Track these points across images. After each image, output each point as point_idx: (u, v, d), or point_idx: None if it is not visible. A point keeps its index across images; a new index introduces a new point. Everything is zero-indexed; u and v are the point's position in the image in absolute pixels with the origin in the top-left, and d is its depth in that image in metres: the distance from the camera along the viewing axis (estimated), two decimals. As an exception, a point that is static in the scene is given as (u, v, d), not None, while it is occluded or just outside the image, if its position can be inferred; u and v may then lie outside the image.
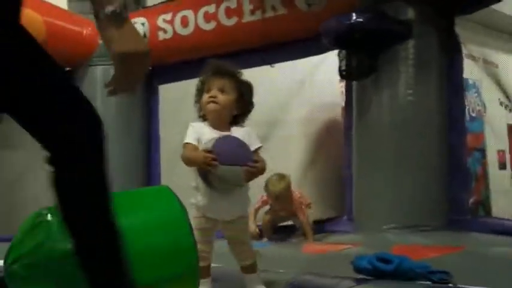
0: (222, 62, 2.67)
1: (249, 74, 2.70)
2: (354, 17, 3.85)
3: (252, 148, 2.51)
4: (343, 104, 5.23)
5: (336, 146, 5.81)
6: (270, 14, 4.67)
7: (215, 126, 2.53)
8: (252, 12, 4.72)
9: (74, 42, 5.16)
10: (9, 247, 1.96)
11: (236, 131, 2.54)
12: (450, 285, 2.46)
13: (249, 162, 2.41)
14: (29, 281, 1.91)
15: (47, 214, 1.97)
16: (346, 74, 4.09)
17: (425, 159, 4.00)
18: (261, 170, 2.50)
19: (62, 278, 1.86)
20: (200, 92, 2.62)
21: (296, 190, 4.54)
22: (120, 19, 1.39)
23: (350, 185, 4.42)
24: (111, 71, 5.18)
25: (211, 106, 2.51)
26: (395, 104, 4.03)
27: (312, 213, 4.67)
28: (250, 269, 2.59)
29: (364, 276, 2.59)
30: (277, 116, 6.10)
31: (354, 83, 4.29)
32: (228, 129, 2.55)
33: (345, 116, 4.76)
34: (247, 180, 2.46)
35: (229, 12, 4.82)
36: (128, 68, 1.40)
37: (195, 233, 2.28)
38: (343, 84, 5.28)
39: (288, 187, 4.39)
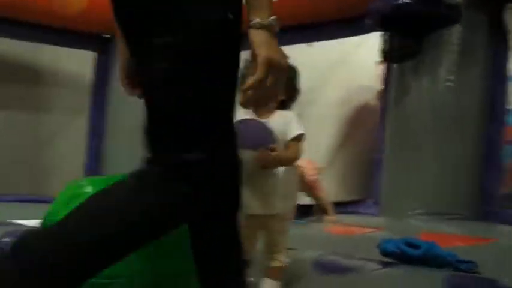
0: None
1: (286, 52, 2.64)
2: (401, -1, 3.79)
3: (289, 136, 2.35)
4: (379, 87, 5.18)
5: (368, 129, 5.77)
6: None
7: (257, 112, 2.39)
8: (295, -12, 4.68)
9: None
10: (44, 216, 1.93)
11: (276, 116, 2.39)
12: (476, 274, 2.46)
13: (261, 147, 2.23)
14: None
15: (85, 186, 1.94)
16: (388, 55, 4.05)
17: (460, 148, 3.95)
18: (282, 159, 2.32)
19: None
20: (244, 79, 2.53)
21: (305, 165, 4.39)
22: (271, 29, 1.45)
23: (379, 168, 4.40)
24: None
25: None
26: (435, 90, 3.97)
27: (338, 194, 4.67)
28: (273, 273, 2.39)
29: (391, 259, 2.59)
30: (312, 96, 6.07)
31: (394, 66, 4.24)
32: (269, 115, 2.40)
33: (382, 99, 4.72)
34: (261, 167, 2.25)
35: (272, -12, 4.78)
36: (269, 74, 1.42)
37: None
38: (380, 67, 5.23)
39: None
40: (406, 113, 4.12)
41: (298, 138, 2.37)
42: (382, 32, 4.08)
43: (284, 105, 2.46)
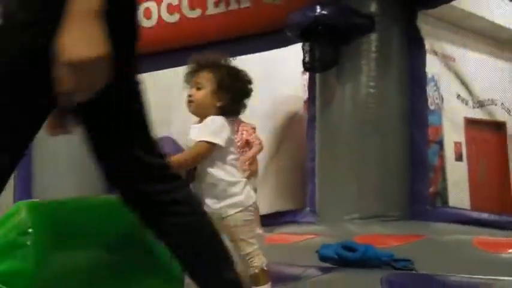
0: (202, 55, 2.51)
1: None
2: (318, 10, 3.90)
3: (197, 139, 2.31)
4: (305, 97, 5.28)
5: (297, 139, 5.87)
6: (234, 6, 4.67)
7: (198, 123, 2.41)
8: (216, 4, 4.72)
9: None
10: None
11: (202, 122, 2.37)
12: (413, 272, 2.54)
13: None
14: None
15: (21, 209, 1.88)
16: (309, 66, 4.14)
17: (387, 151, 4.08)
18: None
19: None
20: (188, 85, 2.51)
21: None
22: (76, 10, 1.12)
23: (312, 177, 4.47)
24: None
25: (189, 106, 2.42)
26: (358, 96, 4.10)
27: (274, 205, 4.72)
28: (256, 281, 2.25)
29: (330, 264, 2.64)
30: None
31: (317, 75, 4.34)
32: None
33: (308, 108, 4.81)
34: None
35: (192, 4, 4.81)
36: (80, 80, 1.14)
37: None
38: (305, 77, 5.33)
39: None
40: (332, 120, 4.22)
41: (200, 142, 2.31)
42: (303, 43, 4.17)
43: (227, 110, 2.39)
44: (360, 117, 4.08)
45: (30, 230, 1.79)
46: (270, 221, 4.61)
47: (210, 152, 2.30)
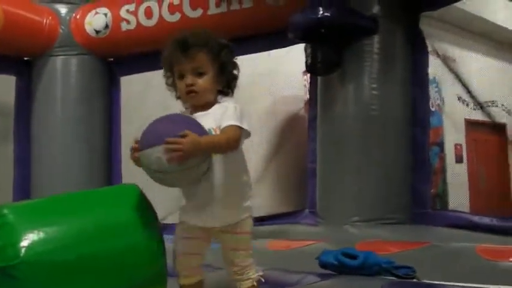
0: (186, 32, 2.16)
1: None
2: (321, 12, 3.86)
3: (223, 125, 2.01)
4: (306, 97, 5.25)
5: (298, 139, 5.84)
6: (235, 7, 4.64)
7: (196, 110, 2.11)
8: (217, 4, 4.68)
9: (34, 32, 5.03)
10: None
11: (214, 109, 2.09)
12: (414, 280, 2.51)
13: (166, 139, 1.86)
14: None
15: (9, 215, 1.88)
16: (312, 68, 4.11)
17: (388, 153, 4.05)
18: (204, 143, 1.91)
19: (24, 283, 1.80)
20: (169, 75, 2.17)
21: None
22: None
23: (313, 178, 4.44)
24: (73, 60, 5.07)
25: (192, 98, 2.09)
26: (360, 98, 4.07)
27: (274, 206, 4.68)
28: None
29: (330, 271, 2.61)
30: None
31: (320, 76, 4.31)
32: (209, 109, 2.11)
33: (309, 109, 4.78)
34: (176, 161, 1.87)
35: (194, 4, 4.77)
36: None
37: (179, 242, 2.07)
38: (306, 77, 5.31)
39: None
40: (334, 121, 4.19)
41: (233, 126, 2.02)
42: (305, 45, 4.14)
43: (224, 94, 2.16)
44: (362, 119, 4.05)
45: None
46: (269, 222, 4.60)
47: (241, 140, 2.05)
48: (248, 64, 5.67)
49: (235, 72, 2.16)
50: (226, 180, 2.04)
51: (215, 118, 2.05)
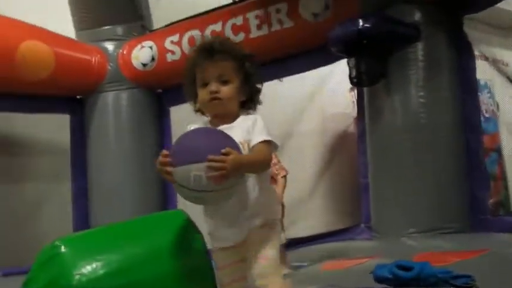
0: (213, 38, 2.14)
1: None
2: (361, 23, 3.83)
3: (252, 142, 1.94)
4: (354, 113, 5.21)
5: (349, 155, 5.79)
6: (276, 27, 4.67)
7: (219, 122, 2.01)
8: (259, 27, 4.73)
9: (84, 71, 5.20)
10: (23, 283, 1.91)
11: (238, 122, 2.00)
12: (474, 289, 2.43)
13: (210, 157, 1.77)
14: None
15: (60, 246, 1.93)
16: (356, 80, 4.08)
17: (442, 162, 3.96)
18: (246, 162, 1.85)
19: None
20: (191, 81, 2.06)
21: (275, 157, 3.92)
22: None
23: (366, 192, 4.39)
24: (123, 95, 5.20)
25: (215, 105, 1.99)
26: (408, 108, 4.00)
27: (329, 223, 4.63)
28: None
29: (386, 285, 2.55)
30: (289, 128, 6.11)
31: (365, 89, 4.27)
32: (232, 122, 2.01)
33: (358, 123, 4.74)
34: (218, 181, 1.79)
35: (235, 29, 4.83)
36: None
37: (221, 272, 1.98)
38: (353, 93, 5.27)
39: None
40: (383, 133, 4.14)
41: (264, 142, 1.95)
42: (348, 58, 4.11)
43: (247, 107, 2.07)
44: (412, 128, 3.98)
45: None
46: (324, 240, 4.56)
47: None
48: (296, 84, 5.71)
49: (259, 85, 2.07)
50: (254, 194, 1.95)
51: (242, 131, 1.96)
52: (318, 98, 6.18)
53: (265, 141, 1.94)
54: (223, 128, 1.98)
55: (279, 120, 5.67)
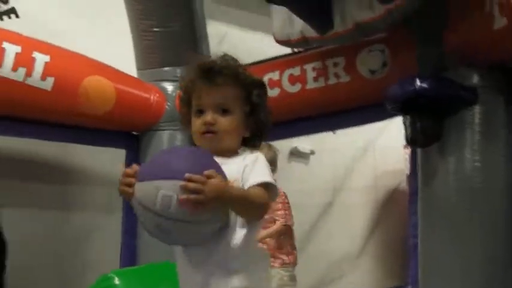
0: (213, 58, 1.75)
1: (311, 141, 2.54)
2: (418, 83, 3.84)
3: (248, 183, 1.57)
4: (407, 171, 5.17)
5: (399, 213, 5.72)
6: (333, 81, 4.71)
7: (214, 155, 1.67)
8: (315, 79, 4.78)
9: (143, 108, 5.34)
10: None
11: (236, 159, 1.67)
12: None
13: (187, 175, 1.42)
14: None
15: (113, 278, 1.99)
16: (412, 140, 4.06)
17: (493, 228, 3.86)
18: (236, 194, 1.50)
19: None
20: (186, 105, 1.75)
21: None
22: None
23: (415, 253, 4.30)
24: (178, 135, 5.34)
25: (209, 140, 1.66)
26: (462, 171, 3.93)
27: (376, 281, 4.56)
28: None
29: None
30: (341, 183, 6.08)
31: (419, 149, 4.24)
32: (229, 158, 1.68)
33: (410, 182, 4.69)
34: (192, 208, 1.42)
35: (292, 79, 4.89)
36: None
37: None
38: (407, 150, 5.23)
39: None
40: (435, 195, 4.07)
41: (263, 186, 1.58)
42: (404, 117, 4.11)
43: (251, 144, 1.74)
44: (465, 192, 3.90)
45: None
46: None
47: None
48: (349, 139, 5.72)
49: (267, 119, 1.72)
50: (237, 244, 1.55)
51: (238, 168, 1.60)
52: (371, 153, 6.16)
53: (263, 184, 1.57)
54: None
55: (332, 175, 5.67)
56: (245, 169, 1.60)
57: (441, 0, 3.69)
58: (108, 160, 5.76)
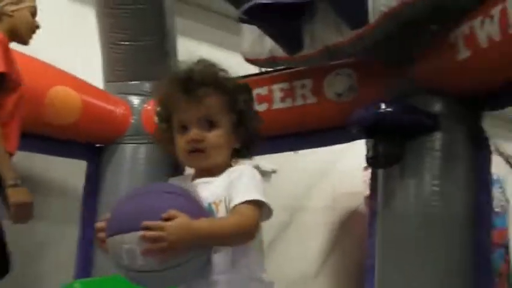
0: (190, 66, 1.55)
1: (273, 160, 2.55)
2: (383, 107, 3.95)
3: (233, 202, 1.45)
4: (366, 193, 5.27)
5: (357, 235, 5.82)
6: (300, 102, 4.79)
7: (203, 176, 1.57)
8: (282, 99, 4.85)
9: (107, 120, 5.32)
10: None
11: (224, 176, 1.53)
12: None
13: (144, 224, 1.31)
14: None
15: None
16: (373, 161, 4.17)
17: (449, 253, 3.96)
18: (205, 229, 1.35)
19: None
20: (164, 127, 1.61)
21: None
22: None
23: (371, 274, 4.38)
24: (141, 149, 5.30)
25: (197, 159, 1.53)
26: (421, 195, 4.05)
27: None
28: None
29: None
30: (299, 203, 6.14)
31: (380, 171, 4.34)
32: (218, 175, 1.53)
33: (369, 204, 4.78)
34: (157, 257, 1.32)
35: (260, 98, 4.95)
36: None
37: None
38: (366, 173, 5.34)
39: None
40: (394, 218, 4.17)
41: (252, 203, 1.45)
42: (367, 139, 4.22)
43: (241, 155, 1.63)
44: (422, 215, 4.01)
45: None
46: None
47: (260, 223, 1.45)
48: (310, 159, 5.80)
49: (257, 126, 1.61)
50: (225, 276, 1.43)
51: (221, 186, 1.48)
52: (331, 175, 6.25)
53: (251, 202, 1.43)
54: (199, 182, 1.55)
55: (291, 194, 5.72)
56: (230, 186, 1.47)
57: (410, 28, 3.80)
58: (68, 171, 5.69)
